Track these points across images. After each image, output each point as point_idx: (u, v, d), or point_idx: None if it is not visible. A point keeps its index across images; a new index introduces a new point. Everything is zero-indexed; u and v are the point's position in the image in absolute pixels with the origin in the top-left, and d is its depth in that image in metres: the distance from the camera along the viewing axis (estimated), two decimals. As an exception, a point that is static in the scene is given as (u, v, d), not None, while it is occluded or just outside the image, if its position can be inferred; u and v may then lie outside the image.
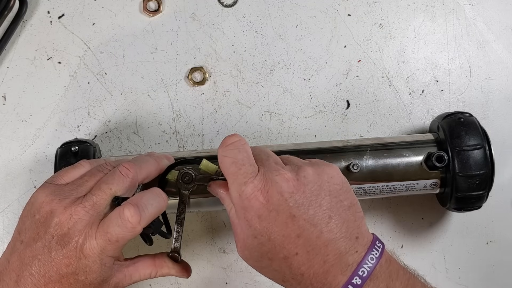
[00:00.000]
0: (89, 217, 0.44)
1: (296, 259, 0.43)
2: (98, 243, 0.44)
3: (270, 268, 0.45)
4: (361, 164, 0.56)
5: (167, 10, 0.66)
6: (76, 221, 0.44)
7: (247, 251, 0.45)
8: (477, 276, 0.65)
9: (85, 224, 0.44)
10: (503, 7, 0.67)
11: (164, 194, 0.48)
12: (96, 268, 0.44)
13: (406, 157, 0.57)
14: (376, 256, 0.43)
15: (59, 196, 0.45)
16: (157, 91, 0.65)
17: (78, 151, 0.56)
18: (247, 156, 0.46)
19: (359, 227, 0.44)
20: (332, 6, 0.66)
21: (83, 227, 0.44)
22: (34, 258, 0.44)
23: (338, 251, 0.43)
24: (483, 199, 0.57)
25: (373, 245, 0.44)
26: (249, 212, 0.44)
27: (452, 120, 0.58)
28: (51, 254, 0.43)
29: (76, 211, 0.44)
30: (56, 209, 0.44)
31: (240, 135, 0.48)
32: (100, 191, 0.45)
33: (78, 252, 0.44)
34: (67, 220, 0.44)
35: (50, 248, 0.44)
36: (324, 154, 0.56)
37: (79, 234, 0.44)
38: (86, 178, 0.47)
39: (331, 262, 0.42)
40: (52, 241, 0.44)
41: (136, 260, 0.49)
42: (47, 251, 0.44)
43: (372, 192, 0.57)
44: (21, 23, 0.64)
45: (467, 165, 0.55)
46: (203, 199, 0.55)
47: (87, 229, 0.44)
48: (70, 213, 0.44)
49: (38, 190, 0.46)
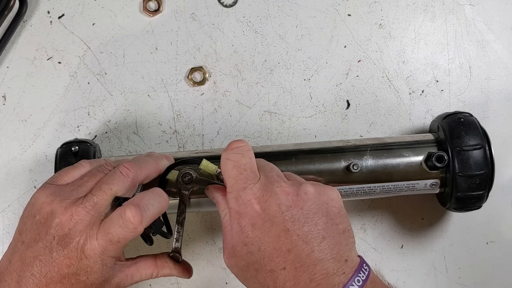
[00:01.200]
0: (90, 217, 0.44)
1: (282, 273, 0.43)
2: (99, 243, 0.44)
3: (255, 280, 0.44)
4: (361, 164, 0.56)
5: (167, 10, 0.66)
6: (77, 221, 0.44)
7: (234, 259, 0.45)
8: (477, 276, 0.65)
9: (86, 224, 0.44)
10: (503, 7, 0.67)
11: (165, 194, 0.48)
12: (97, 268, 0.44)
13: (406, 157, 0.56)
14: (363, 279, 0.43)
15: (59, 197, 0.45)
16: (157, 91, 0.65)
17: (78, 151, 0.56)
18: (250, 162, 0.46)
19: (349, 251, 0.45)
20: (332, 6, 0.66)
21: (84, 227, 0.44)
22: (35, 258, 0.44)
23: (326, 271, 0.42)
24: (483, 199, 0.57)
25: (360, 267, 0.44)
26: (244, 218, 0.44)
27: (452, 120, 0.58)
28: (52, 254, 0.44)
29: (76, 211, 0.44)
30: (57, 210, 0.44)
31: (246, 140, 0.48)
32: (100, 191, 0.45)
33: (79, 252, 0.44)
34: (68, 221, 0.44)
35: (51, 249, 0.44)
36: (324, 154, 0.56)
37: (80, 235, 0.44)
38: (87, 179, 0.47)
39: (318, 281, 0.42)
40: (53, 242, 0.44)
41: (138, 260, 0.49)
42: (48, 252, 0.44)
43: (372, 192, 0.57)
44: (21, 23, 0.64)
45: (467, 165, 0.55)
46: (203, 199, 0.55)
47: (88, 229, 0.44)
48: (70, 214, 0.44)
49: (39, 190, 0.46)
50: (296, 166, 0.56)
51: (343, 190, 0.56)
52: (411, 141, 0.58)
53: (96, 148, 0.59)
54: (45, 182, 0.48)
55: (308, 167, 0.56)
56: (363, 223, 0.65)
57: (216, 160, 0.52)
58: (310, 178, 0.52)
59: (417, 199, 0.65)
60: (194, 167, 0.52)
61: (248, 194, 0.44)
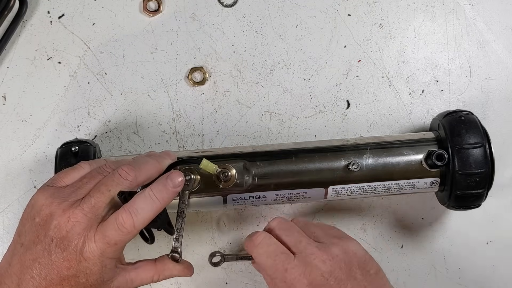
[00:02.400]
0: (87, 220, 0.44)
1: None
2: (97, 246, 0.44)
3: None
4: (361, 163, 0.56)
5: (167, 10, 0.66)
6: (74, 224, 0.44)
7: None
8: (477, 276, 0.65)
9: (84, 227, 0.44)
10: (503, 7, 0.67)
11: (160, 193, 0.47)
12: (96, 270, 0.44)
13: (406, 156, 0.56)
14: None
15: (58, 199, 0.45)
16: (157, 91, 0.65)
17: (79, 151, 0.56)
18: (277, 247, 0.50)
19: (384, 286, 0.49)
20: (332, 6, 0.66)
21: (81, 230, 0.44)
22: (35, 261, 0.44)
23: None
24: (483, 197, 0.57)
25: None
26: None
27: (452, 118, 0.58)
28: (52, 257, 0.44)
29: (74, 213, 0.44)
30: (55, 212, 0.44)
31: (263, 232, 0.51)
32: (98, 193, 0.45)
33: (78, 255, 0.44)
34: (65, 223, 0.44)
35: (50, 251, 0.44)
36: (324, 153, 0.56)
37: (78, 238, 0.44)
38: (86, 181, 0.47)
39: None
40: (51, 244, 0.44)
41: (138, 265, 0.49)
42: (47, 254, 0.44)
43: (372, 191, 0.57)
44: (21, 23, 0.64)
45: (467, 163, 0.55)
46: (203, 199, 0.55)
47: (86, 232, 0.44)
48: (68, 216, 0.44)
49: (38, 192, 0.46)
50: (296, 165, 0.56)
51: (343, 189, 0.56)
52: (411, 139, 0.58)
53: (96, 148, 0.59)
54: (44, 184, 0.48)
55: (308, 166, 0.56)
56: (363, 223, 0.65)
57: (216, 160, 0.52)
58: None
59: (417, 199, 0.65)
60: (195, 166, 0.52)
61: (292, 273, 0.48)
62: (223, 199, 0.56)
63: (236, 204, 0.57)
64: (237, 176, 0.55)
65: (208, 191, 0.55)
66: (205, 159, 0.51)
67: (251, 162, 0.56)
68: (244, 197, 0.56)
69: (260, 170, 0.56)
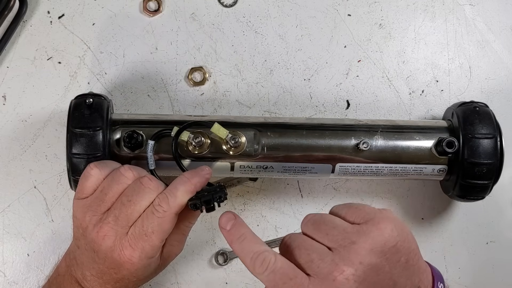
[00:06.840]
0: (115, 232, 0.48)
1: None
2: (134, 249, 0.48)
3: None
4: (371, 143, 0.56)
5: (167, 10, 0.66)
6: (103, 238, 0.48)
7: None
8: (477, 276, 0.65)
9: (113, 239, 0.48)
10: (503, 7, 0.67)
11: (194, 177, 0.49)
12: (141, 270, 0.49)
13: (416, 141, 0.56)
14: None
15: (88, 214, 0.49)
16: (157, 91, 0.65)
17: (93, 103, 0.55)
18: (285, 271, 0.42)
19: (418, 274, 0.44)
20: (332, 6, 0.66)
21: (112, 242, 0.48)
22: (90, 264, 0.50)
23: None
24: (487, 189, 0.57)
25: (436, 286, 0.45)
26: None
27: (467, 108, 0.58)
28: (99, 266, 0.49)
29: (101, 228, 0.48)
30: (88, 227, 0.49)
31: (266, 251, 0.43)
32: (120, 205, 0.49)
33: (119, 264, 0.48)
34: (97, 238, 0.48)
35: (95, 261, 0.49)
36: (335, 130, 0.56)
37: (112, 250, 0.48)
38: (105, 191, 0.49)
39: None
40: (95, 256, 0.49)
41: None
42: (95, 264, 0.50)
43: (380, 173, 0.57)
44: (21, 23, 0.64)
45: (477, 153, 0.55)
46: (211, 164, 0.55)
47: (117, 241, 0.48)
48: (97, 231, 0.48)
49: (74, 206, 0.51)
50: (306, 139, 0.56)
51: (350, 168, 0.56)
52: (423, 125, 0.59)
53: (110, 103, 0.58)
54: (74, 198, 0.51)
55: (318, 141, 0.56)
56: (363, 223, 0.65)
57: (228, 127, 0.53)
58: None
59: (417, 199, 0.65)
60: (206, 130, 0.54)
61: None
62: (231, 165, 0.56)
63: (243, 172, 0.57)
64: (247, 144, 0.55)
65: (216, 156, 0.55)
66: (217, 123, 0.52)
67: (262, 132, 0.56)
68: (251, 166, 0.56)
69: (270, 140, 0.56)
